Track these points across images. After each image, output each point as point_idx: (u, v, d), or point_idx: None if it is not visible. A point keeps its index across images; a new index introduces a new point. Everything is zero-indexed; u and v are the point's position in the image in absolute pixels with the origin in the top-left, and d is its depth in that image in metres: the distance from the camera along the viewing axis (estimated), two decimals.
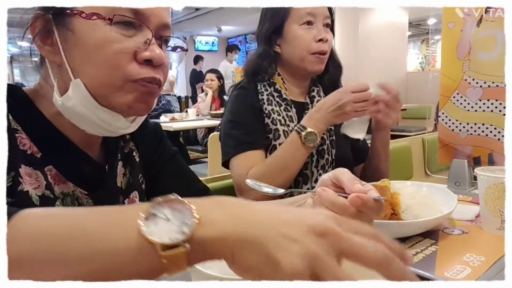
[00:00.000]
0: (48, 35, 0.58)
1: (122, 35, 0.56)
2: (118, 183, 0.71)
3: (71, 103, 0.58)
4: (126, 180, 0.73)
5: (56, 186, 0.61)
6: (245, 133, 1.11)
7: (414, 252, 0.70)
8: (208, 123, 3.90)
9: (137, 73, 0.57)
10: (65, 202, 0.62)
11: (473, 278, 0.61)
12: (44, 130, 0.61)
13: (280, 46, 1.18)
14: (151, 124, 0.84)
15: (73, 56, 0.57)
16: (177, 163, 0.84)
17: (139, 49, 0.57)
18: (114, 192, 0.70)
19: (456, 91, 1.24)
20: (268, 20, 1.18)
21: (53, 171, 0.61)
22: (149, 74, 0.58)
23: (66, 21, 0.56)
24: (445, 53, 1.27)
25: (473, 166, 1.19)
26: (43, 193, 0.59)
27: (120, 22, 0.56)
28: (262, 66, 1.18)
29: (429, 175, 2.08)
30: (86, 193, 0.65)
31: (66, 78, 0.58)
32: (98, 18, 0.55)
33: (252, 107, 1.14)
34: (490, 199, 0.78)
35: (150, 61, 0.58)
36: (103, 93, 0.58)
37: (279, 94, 1.17)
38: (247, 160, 1.08)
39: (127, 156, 0.76)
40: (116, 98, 0.58)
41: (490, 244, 0.74)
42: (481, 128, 1.21)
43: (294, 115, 1.17)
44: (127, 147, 0.77)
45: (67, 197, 0.62)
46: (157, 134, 0.83)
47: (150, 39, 0.58)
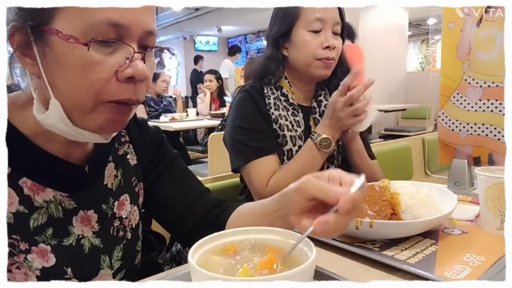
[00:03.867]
0: (28, 47, 0.55)
1: (102, 54, 0.54)
2: (109, 184, 0.71)
3: (50, 122, 0.57)
4: (117, 182, 0.73)
5: (36, 196, 0.60)
6: (257, 139, 1.11)
7: (414, 252, 0.70)
8: (208, 123, 3.90)
9: (117, 93, 0.55)
10: (50, 209, 0.61)
11: (473, 278, 0.61)
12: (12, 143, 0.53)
13: (288, 49, 1.18)
14: (152, 128, 0.84)
15: (52, 73, 0.55)
16: (177, 167, 0.84)
17: (120, 68, 0.55)
18: (100, 193, 0.69)
19: (456, 91, 1.24)
20: (277, 23, 1.18)
21: (29, 182, 0.60)
22: (127, 96, 0.56)
23: (44, 37, 0.54)
24: (445, 53, 1.26)
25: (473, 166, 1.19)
26: (17, 210, 0.58)
27: (98, 41, 0.53)
28: (270, 69, 1.18)
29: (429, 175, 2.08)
30: (67, 195, 0.64)
31: (46, 92, 0.56)
32: (75, 42, 0.52)
33: (259, 111, 1.14)
34: (490, 199, 0.78)
35: (132, 78, 0.56)
36: (75, 114, 0.56)
37: (286, 98, 1.18)
38: (264, 167, 1.09)
39: (121, 159, 0.75)
40: (87, 120, 0.57)
41: (490, 244, 0.74)
42: (481, 128, 1.21)
43: (301, 120, 1.17)
44: (122, 150, 0.76)
45: (51, 204, 0.62)
46: (157, 138, 0.83)
47: (132, 55, 0.55)
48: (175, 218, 0.80)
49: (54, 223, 0.62)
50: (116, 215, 0.71)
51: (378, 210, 0.79)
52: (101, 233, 0.67)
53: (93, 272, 0.66)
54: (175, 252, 1.02)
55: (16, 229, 0.58)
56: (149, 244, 0.86)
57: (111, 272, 0.68)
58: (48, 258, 0.60)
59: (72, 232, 0.64)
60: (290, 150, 1.13)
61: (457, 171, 1.18)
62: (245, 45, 11.03)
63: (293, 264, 0.45)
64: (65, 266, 0.62)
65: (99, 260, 0.66)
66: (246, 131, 1.12)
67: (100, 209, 0.68)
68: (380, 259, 0.68)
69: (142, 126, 0.82)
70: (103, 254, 0.67)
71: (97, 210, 0.68)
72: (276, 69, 1.17)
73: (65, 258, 0.62)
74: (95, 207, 0.68)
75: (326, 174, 0.55)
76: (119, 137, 0.77)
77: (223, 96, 4.75)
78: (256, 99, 1.15)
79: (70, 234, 0.64)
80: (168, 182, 0.81)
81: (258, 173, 1.09)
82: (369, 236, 0.77)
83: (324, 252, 0.74)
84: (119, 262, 0.70)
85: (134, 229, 0.74)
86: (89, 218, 0.67)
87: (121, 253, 0.70)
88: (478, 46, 1.18)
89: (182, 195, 0.81)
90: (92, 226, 0.67)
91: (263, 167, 1.09)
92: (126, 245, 0.71)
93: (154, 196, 0.81)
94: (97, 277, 0.66)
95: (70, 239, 0.64)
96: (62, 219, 0.63)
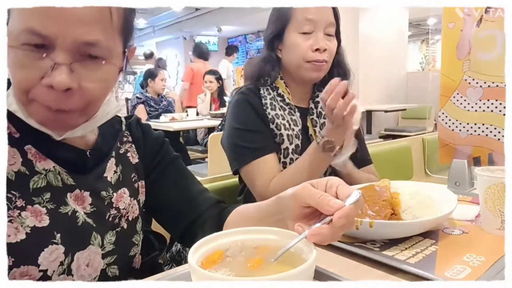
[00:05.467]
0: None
1: (31, 58, 0.56)
2: (109, 178, 0.74)
3: (12, 109, 0.61)
4: (116, 177, 0.75)
5: (37, 163, 0.64)
6: (255, 140, 1.11)
7: (414, 252, 0.70)
8: (208, 123, 3.90)
9: (41, 98, 0.58)
10: (48, 177, 0.65)
11: (473, 278, 0.61)
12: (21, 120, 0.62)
13: (282, 51, 1.17)
14: (155, 132, 0.87)
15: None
16: (177, 167, 0.86)
17: (45, 74, 0.56)
18: (99, 181, 0.72)
19: (456, 91, 1.24)
20: (272, 24, 1.17)
21: (33, 150, 0.64)
22: (47, 103, 0.58)
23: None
24: (445, 53, 1.26)
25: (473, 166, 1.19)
26: (19, 170, 0.62)
27: (30, 44, 0.55)
28: (265, 70, 1.18)
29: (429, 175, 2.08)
30: (66, 171, 0.67)
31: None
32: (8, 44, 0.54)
33: (256, 113, 1.14)
34: (490, 199, 0.78)
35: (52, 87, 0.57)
36: (20, 104, 0.60)
37: (282, 98, 1.17)
38: (264, 167, 1.09)
39: (121, 156, 0.78)
40: (30, 112, 0.60)
41: (490, 244, 0.74)
42: (481, 128, 1.21)
43: (298, 119, 1.16)
44: (123, 148, 0.80)
45: (49, 173, 0.65)
46: (158, 141, 0.86)
47: (52, 66, 0.56)
48: (173, 216, 0.82)
49: (52, 189, 0.65)
50: (113, 204, 0.73)
51: (378, 210, 0.79)
52: (93, 215, 0.69)
53: (81, 244, 0.66)
54: (175, 252, 1.02)
55: (16, 186, 0.61)
56: (149, 244, 0.86)
57: (101, 252, 0.69)
58: (42, 219, 0.62)
59: (69, 203, 0.66)
60: (286, 149, 1.13)
61: (457, 171, 1.18)
62: (245, 45, 11.03)
63: (293, 264, 0.45)
64: (55, 231, 0.63)
65: (91, 235, 0.68)
66: (244, 133, 1.12)
67: (98, 195, 0.71)
68: (380, 259, 0.68)
69: (145, 129, 0.85)
70: (95, 232, 0.69)
71: (93, 194, 0.70)
72: (271, 70, 1.17)
73: (58, 224, 0.64)
74: (92, 191, 0.70)
75: (325, 181, 0.56)
76: (122, 137, 0.80)
77: (223, 96, 4.75)
78: (253, 100, 1.15)
79: (67, 204, 0.66)
80: (168, 182, 0.84)
81: (259, 173, 1.09)
82: (369, 236, 0.77)
83: (324, 252, 0.74)
84: (111, 246, 0.71)
85: (131, 222, 0.76)
86: (83, 199, 0.69)
87: (114, 238, 0.71)
88: (478, 46, 1.18)
89: (181, 194, 0.83)
90: (84, 207, 0.69)
91: (263, 168, 1.09)
92: (120, 232, 0.73)
93: (154, 195, 0.83)
94: (85, 251, 0.66)
95: (67, 208, 0.66)
96: (60, 189, 0.66)
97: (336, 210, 0.50)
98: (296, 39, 1.11)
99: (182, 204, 0.82)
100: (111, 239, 0.71)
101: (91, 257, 0.67)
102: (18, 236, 0.60)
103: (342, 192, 0.53)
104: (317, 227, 0.51)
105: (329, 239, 0.51)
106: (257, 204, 0.71)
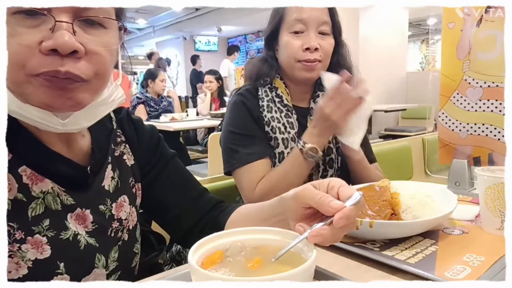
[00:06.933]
0: None
1: (25, 26, 0.52)
2: (106, 186, 0.70)
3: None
4: (114, 183, 0.72)
5: (34, 186, 0.60)
6: (248, 144, 1.11)
7: (414, 252, 0.70)
8: (208, 123, 3.90)
9: (39, 66, 0.52)
10: (46, 200, 0.61)
11: (473, 278, 0.61)
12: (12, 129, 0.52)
13: (278, 51, 1.17)
14: (147, 128, 0.83)
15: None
16: (175, 167, 0.83)
17: (44, 39, 0.52)
18: (98, 194, 0.68)
19: (456, 91, 1.24)
20: (269, 25, 1.17)
21: (28, 171, 0.59)
22: (52, 67, 0.52)
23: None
24: (445, 53, 1.27)
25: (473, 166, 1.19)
26: (15, 197, 0.58)
27: (22, 12, 0.51)
28: (264, 70, 1.17)
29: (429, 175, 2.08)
30: (64, 190, 0.63)
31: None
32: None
33: (251, 116, 1.13)
34: (490, 199, 0.78)
35: (56, 51, 0.52)
36: (16, 90, 0.54)
37: (281, 99, 1.16)
38: (253, 172, 1.08)
39: (117, 160, 0.74)
40: (29, 95, 0.54)
41: (490, 244, 0.74)
42: (481, 128, 1.21)
43: (294, 122, 1.15)
44: (118, 150, 0.75)
45: (48, 196, 0.61)
46: (154, 139, 0.82)
47: (53, 25, 0.51)
48: (173, 218, 0.80)
49: (51, 215, 0.61)
50: (114, 216, 0.70)
51: (378, 210, 0.79)
52: (96, 233, 0.66)
53: (86, 270, 0.64)
54: (175, 252, 1.02)
55: (14, 217, 0.57)
56: (149, 244, 0.86)
57: (106, 272, 0.67)
58: (43, 249, 0.59)
59: (69, 227, 0.63)
60: (281, 153, 1.12)
61: (457, 171, 1.18)
62: (245, 45, 11.03)
63: (293, 264, 0.45)
64: (58, 260, 0.60)
65: (94, 258, 0.65)
66: (237, 136, 1.12)
67: (98, 210, 0.67)
68: (380, 259, 0.68)
69: (138, 125, 0.81)
70: (99, 253, 0.66)
71: (93, 211, 0.67)
72: (270, 70, 1.17)
73: (60, 252, 0.61)
74: (92, 207, 0.67)
75: (326, 182, 0.56)
76: (115, 137, 0.76)
77: (223, 96, 4.76)
78: (249, 102, 1.14)
79: (68, 229, 0.63)
80: (166, 183, 0.81)
81: (247, 178, 1.08)
82: (369, 236, 0.77)
83: (324, 252, 0.74)
84: (115, 264, 0.69)
85: (131, 231, 0.74)
86: (85, 217, 0.65)
87: (117, 254, 0.69)
88: (478, 46, 1.18)
89: (180, 195, 0.81)
90: (86, 225, 0.65)
91: (253, 173, 1.08)
92: (122, 246, 0.70)
93: (152, 197, 0.80)
94: (90, 276, 0.64)
95: (68, 233, 0.62)
96: (60, 212, 0.62)
97: (336, 211, 0.50)
98: (288, 39, 1.11)
99: (182, 208, 0.80)
100: (115, 256, 0.69)
101: (96, 280, 0.65)
102: (20, 272, 0.57)
103: (344, 193, 0.53)
104: (318, 228, 0.51)
105: (330, 240, 0.51)
106: (260, 205, 0.71)
